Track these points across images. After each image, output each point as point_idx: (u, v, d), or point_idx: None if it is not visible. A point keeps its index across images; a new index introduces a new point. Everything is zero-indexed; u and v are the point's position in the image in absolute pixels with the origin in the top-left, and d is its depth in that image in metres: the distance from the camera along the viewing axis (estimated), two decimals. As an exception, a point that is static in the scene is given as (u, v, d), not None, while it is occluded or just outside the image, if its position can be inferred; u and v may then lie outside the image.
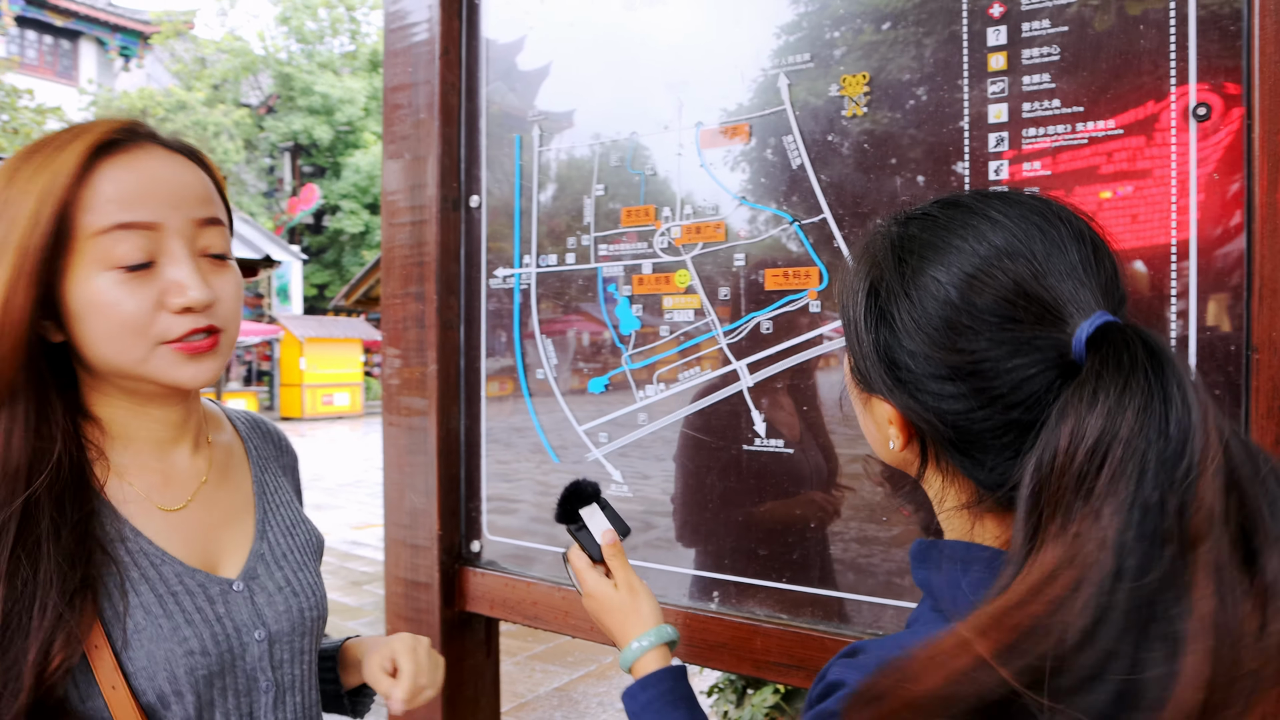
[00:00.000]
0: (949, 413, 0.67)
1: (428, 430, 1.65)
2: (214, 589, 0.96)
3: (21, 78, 23.51)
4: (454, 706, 1.74)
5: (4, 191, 0.86)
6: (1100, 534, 0.55)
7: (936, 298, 0.67)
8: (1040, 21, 1.12)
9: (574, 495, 1.19)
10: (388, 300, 1.70)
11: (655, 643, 1.07)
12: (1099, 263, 0.66)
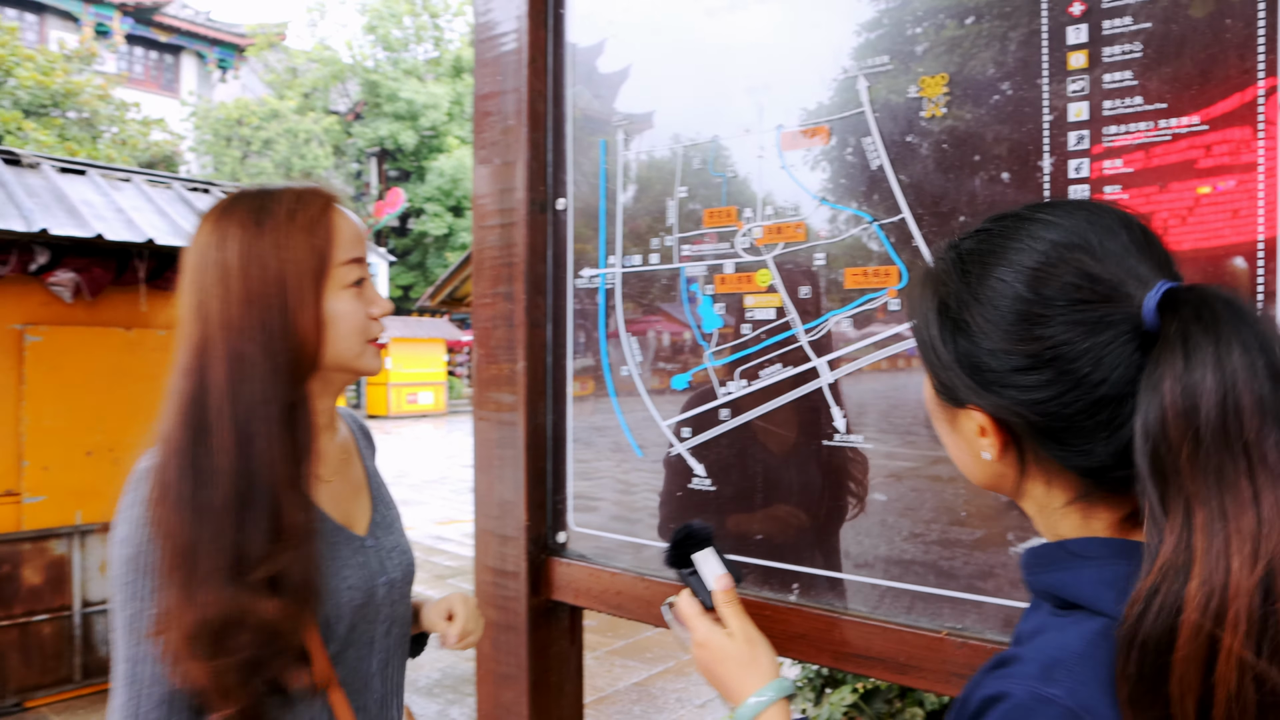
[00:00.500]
0: (1038, 402, 0.69)
1: (516, 425, 1.72)
2: (355, 543, 1.26)
3: (129, 91, 24.70)
4: (539, 691, 1.80)
5: (261, 238, 1.15)
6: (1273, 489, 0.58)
7: (1006, 295, 0.70)
8: (1122, 19, 1.12)
9: (686, 539, 1.14)
10: (478, 300, 1.78)
11: (775, 698, 1.01)
12: (1149, 244, 0.70)
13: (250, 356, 1.13)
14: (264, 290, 1.15)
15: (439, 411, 23.98)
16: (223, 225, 1.18)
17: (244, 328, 1.14)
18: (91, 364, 4.78)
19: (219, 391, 1.13)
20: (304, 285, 1.16)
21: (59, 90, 20.14)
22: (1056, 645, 0.68)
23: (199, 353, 1.15)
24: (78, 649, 4.75)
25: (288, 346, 1.15)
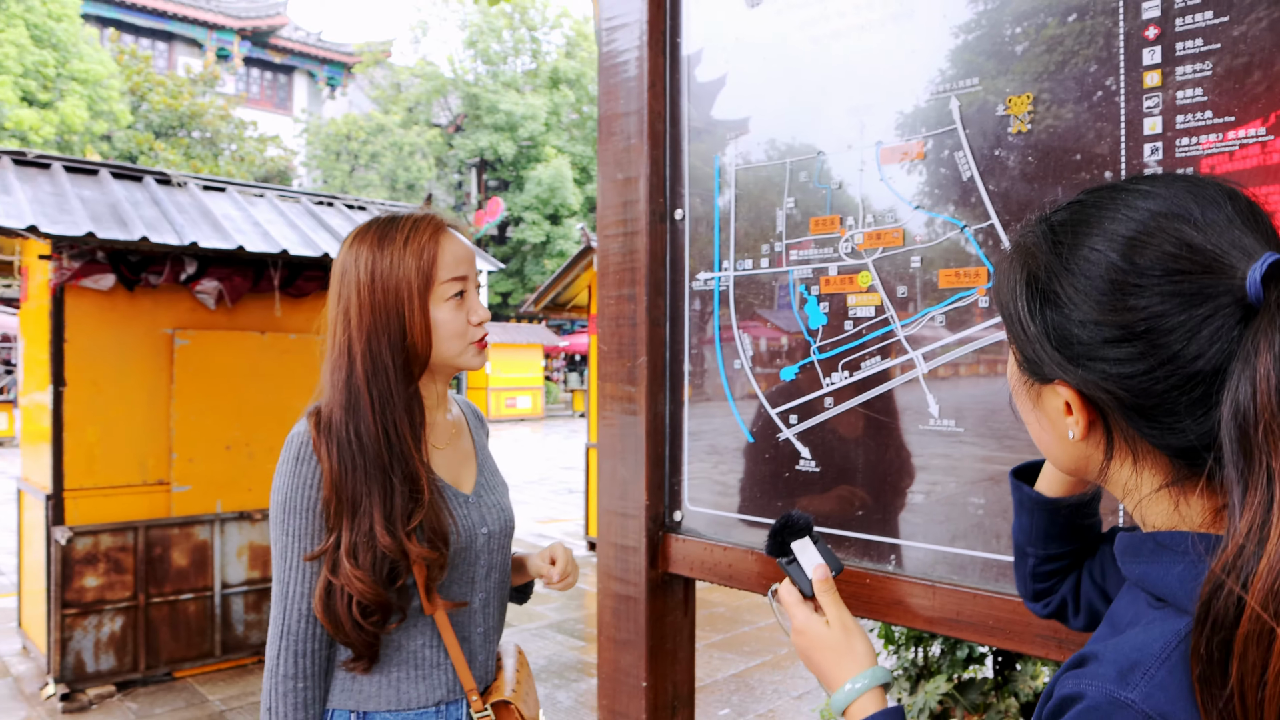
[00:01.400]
0: (1128, 376, 0.68)
1: (637, 414, 1.91)
2: (461, 498, 1.59)
3: (247, 111, 26.07)
4: (656, 658, 1.99)
5: (383, 258, 1.48)
6: None
7: (1099, 265, 0.69)
8: (1194, 40, 1.25)
9: (786, 528, 1.18)
10: (603, 301, 1.98)
11: (871, 685, 1.02)
12: (1255, 216, 0.68)
13: (379, 353, 1.46)
14: (385, 301, 1.47)
15: (536, 416, 24.52)
16: (358, 246, 1.50)
17: (374, 330, 1.46)
18: (231, 365, 5.21)
19: (361, 379, 1.45)
20: (414, 298, 1.48)
21: (185, 112, 21.44)
22: (1137, 645, 0.66)
23: (344, 349, 1.48)
24: (218, 626, 5.17)
25: (404, 347, 1.48)
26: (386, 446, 1.44)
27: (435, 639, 1.53)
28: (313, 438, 1.45)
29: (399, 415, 1.46)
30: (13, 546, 8.40)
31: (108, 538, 4.81)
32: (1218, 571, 0.60)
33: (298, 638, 1.42)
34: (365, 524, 1.41)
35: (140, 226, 4.67)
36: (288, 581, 1.43)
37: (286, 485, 1.44)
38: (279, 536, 1.44)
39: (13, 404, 17.76)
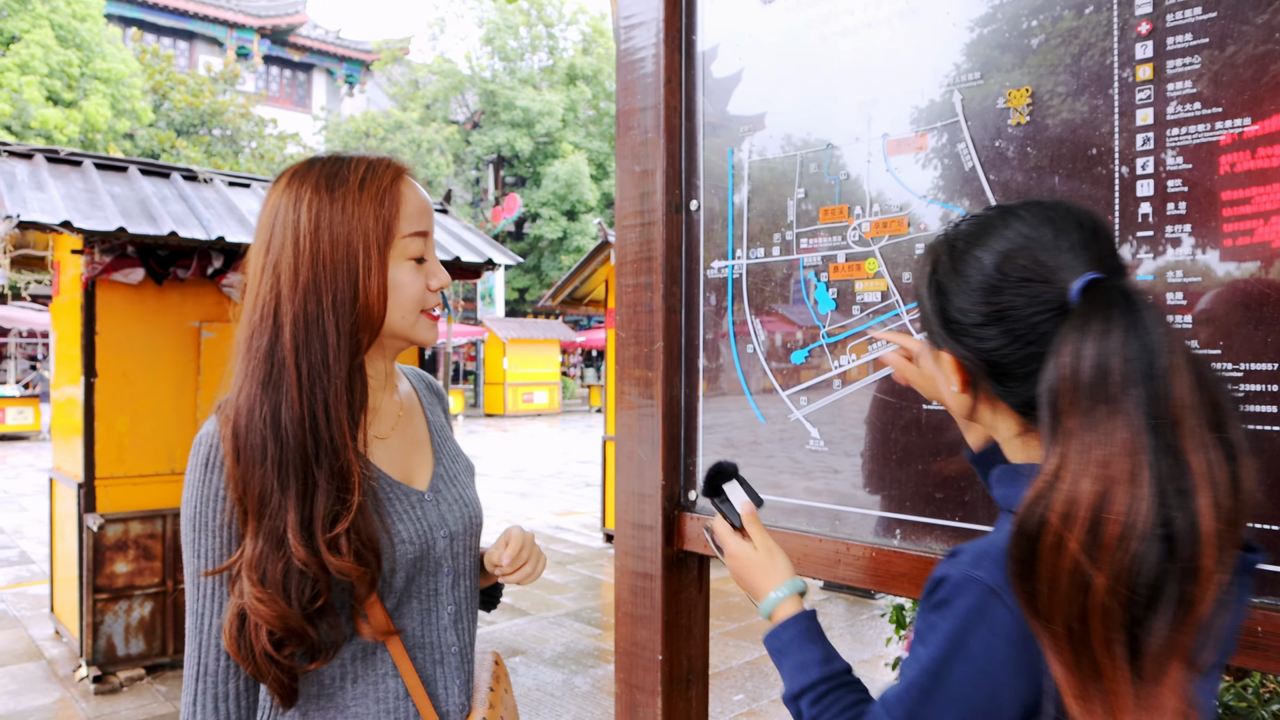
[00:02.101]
0: (988, 350, 0.94)
1: (654, 398, 1.99)
2: (413, 497, 1.29)
3: (266, 109, 26.32)
4: (671, 632, 2.07)
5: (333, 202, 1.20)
6: (1133, 424, 0.79)
7: (978, 271, 0.94)
8: (1184, 35, 1.31)
9: (718, 474, 1.36)
10: (620, 289, 2.06)
11: (790, 593, 1.22)
12: (1096, 241, 0.91)
13: (318, 317, 1.17)
14: (333, 255, 1.18)
15: (553, 410, 24.66)
16: (296, 188, 1.21)
17: (313, 289, 1.17)
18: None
19: (288, 348, 1.15)
20: (370, 253, 1.20)
21: (206, 110, 21.67)
22: (989, 542, 0.91)
23: (269, 312, 1.17)
24: (244, 613, 5.29)
25: (353, 311, 1.19)
26: (312, 433, 1.14)
27: (389, 666, 1.26)
28: (223, 436, 1.16)
29: (334, 394, 1.16)
30: (41, 536, 8.59)
31: (137, 525, 4.94)
32: (1030, 498, 0.83)
33: (216, 678, 1.16)
34: (277, 530, 1.12)
35: (169, 222, 4.79)
36: (201, 612, 1.16)
37: (195, 498, 1.16)
38: (189, 559, 1.18)
39: (38, 398, 18.05)
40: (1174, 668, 0.77)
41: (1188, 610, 0.77)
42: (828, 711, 1.06)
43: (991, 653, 0.86)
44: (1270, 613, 1.24)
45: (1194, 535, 0.76)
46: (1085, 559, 0.77)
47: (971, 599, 0.87)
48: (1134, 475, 0.77)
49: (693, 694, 2.12)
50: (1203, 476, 0.77)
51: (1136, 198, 1.36)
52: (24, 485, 12.15)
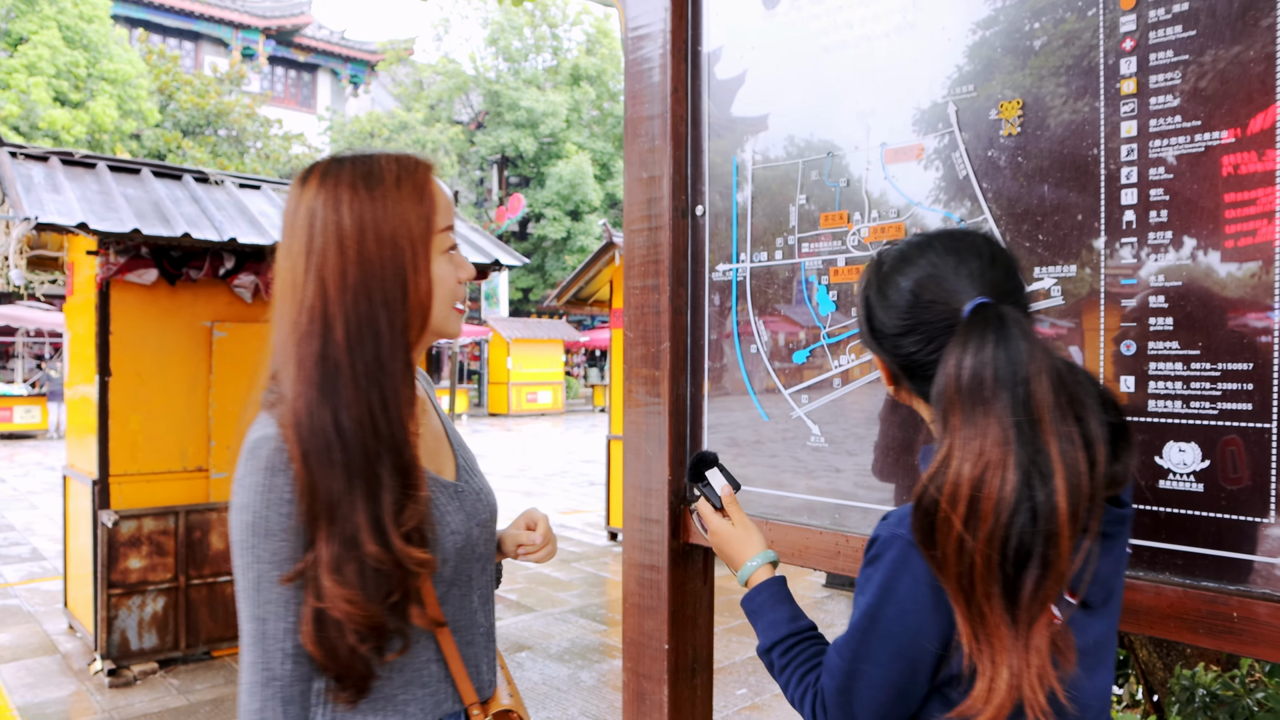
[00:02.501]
0: (905, 355, 1.13)
1: (661, 396, 2.06)
2: (450, 489, 1.33)
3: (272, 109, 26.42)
4: (677, 623, 2.14)
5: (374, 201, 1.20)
6: (1002, 419, 0.96)
7: (899, 292, 1.13)
8: (1165, 52, 1.38)
9: (700, 461, 1.54)
10: (629, 291, 2.13)
11: (763, 562, 1.41)
12: (991, 270, 1.09)
13: (370, 317, 1.16)
14: (379, 253, 1.18)
15: (557, 410, 24.73)
16: (332, 188, 1.20)
17: (363, 289, 1.16)
18: (265, 356, 5.39)
19: (341, 349, 1.15)
20: (416, 249, 1.20)
21: (212, 111, 21.77)
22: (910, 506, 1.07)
23: (317, 315, 1.17)
24: (255, 609, 5.37)
25: (404, 308, 1.20)
26: (373, 432, 1.16)
27: (437, 653, 1.29)
28: (286, 439, 1.15)
29: (390, 392, 1.18)
30: (52, 533, 8.68)
31: (150, 521, 5.02)
32: (924, 480, 1.00)
33: (284, 683, 1.15)
34: (348, 531, 1.13)
35: (182, 223, 4.87)
36: (264, 619, 1.14)
37: (257, 502, 1.13)
38: (249, 564, 1.14)
39: (45, 397, 18.16)
40: (1042, 614, 0.95)
41: (1050, 569, 0.94)
42: (794, 660, 1.25)
43: (915, 596, 1.03)
44: (1245, 599, 1.31)
45: (1052, 509, 0.94)
46: (966, 529, 0.95)
47: (897, 552, 1.05)
48: (1004, 462, 0.94)
49: (698, 682, 2.19)
50: (1059, 462, 0.94)
51: (1121, 205, 1.43)
52: (34, 483, 12.25)
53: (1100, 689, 1.12)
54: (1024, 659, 0.95)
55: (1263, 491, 1.30)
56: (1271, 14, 1.29)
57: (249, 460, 1.15)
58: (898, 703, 1.07)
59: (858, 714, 1.10)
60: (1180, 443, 1.38)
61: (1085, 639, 1.07)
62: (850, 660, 1.09)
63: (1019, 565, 0.94)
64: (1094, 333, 1.46)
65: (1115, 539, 1.11)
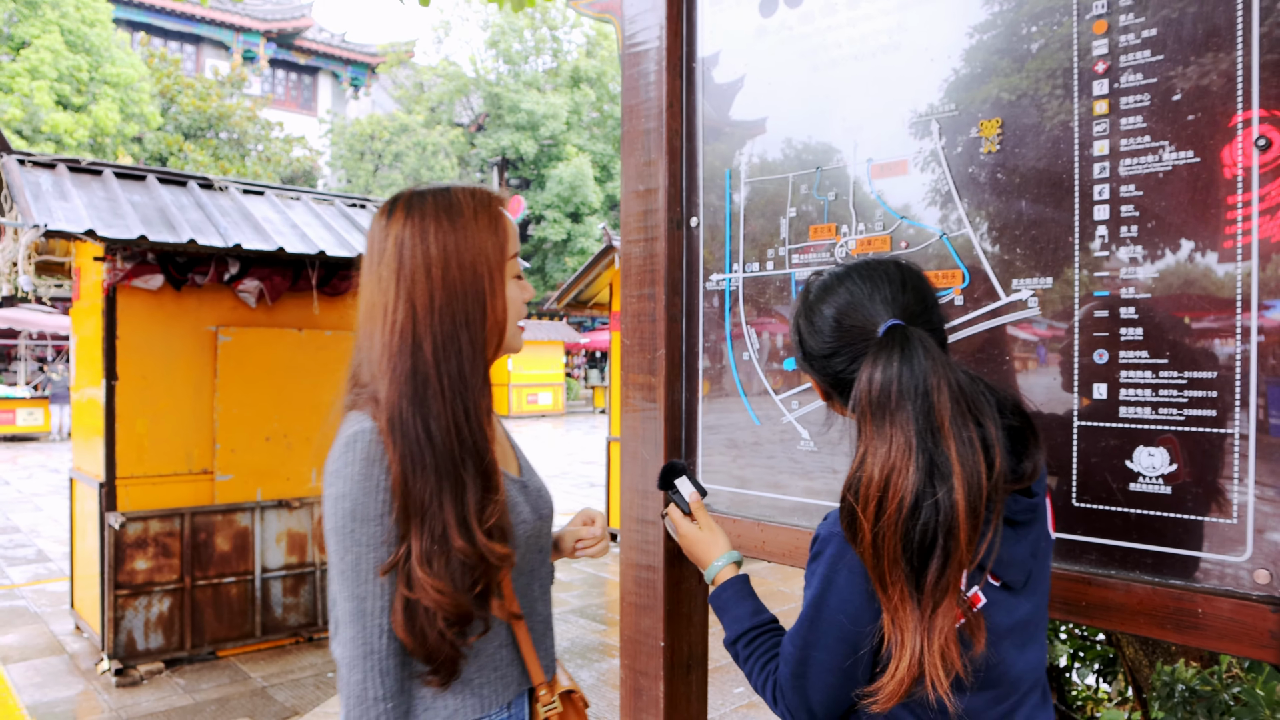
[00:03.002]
0: (832, 373, 1.25)
1: (657, 401, 2.13)
2: (517, 484, 1.48)
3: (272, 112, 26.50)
4: (673, 621, 2.21)
5: (455, 231, 1.35)
6: (906, 427, 1.08)
7: (824, 320, 1.25)
8: (1135, 75, 1.45)
9: (670, 470, 1.64)
10: (626, 300, 2.20)
11: (728, 561, 1.53)
12: (903, 295, 1.22)
13: (454, 335, 1.31)
14: (462, 279, 1.32)
15: (557, 412, 24.79)
16: (417, 219, 1.33)
17: (448, 311, 1.31)
18: (270, 360, 5.47)
19: (430, 365, 1.29)
20: (494, 275, 1.35)
21: (213, 114, 21.85)
22: None
23: (406, 333, 1.30)
24: (258, 608, 5.44)
25: (484, 328, 1.34)
26: (458, 439, 1.29)
27: (509, 638, 1.42)
28: (383, 434, 1.27)
29: (473, 402, 1.31)
30: (57, 535, 8.75)
31: (156, 523, 5.09)
32: (846, 482, 1.12)
33: (381, 656, 1.26)
34: (437, 528, 1.25)
35: (187, 229, 4.94)
36: (363, 597, 1.25)
37: (356, 490, 1.24)
38: (349, 548, 1.25)
39: (47, 400, 18.23)
40: (945, 599, 1.06)
41: (951, 558, 1.05)
42: (756, 651, 1.36)
43: (851, 587, 1.15)
44: (1209, 596, 1.38)
45: (951, 505, 1.05)
46: (875, 526, 1.07)
47: (834, 548, 1.17)
48: (907, 465, 1.06)
49: (693, 678, 2.26)
50: (958, 464, 1.06)
51: (1094, 220, 1.50)
52: (38, 485, 12.32)
53: (1032, 663, 1.22)
54: (926, 639, 1.05)
55: (1225, 493, 1.37)
56: (1232, 39, 1.36)
57: (346, 452, 1.27)
58: (846, 683, 1.17)
59: (811, 696, 1.21)
60: (1149, 447, 1.45)
61: (1011, 617, 1.18)
62: (801, 648, 1.20)
63: (923, 556, 1.05)
64: (1069, 342, 1.53)
65: (1030, 525, 1.21)
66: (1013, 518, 1.18)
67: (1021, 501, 1.19)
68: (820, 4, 1.88)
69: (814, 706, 1.21)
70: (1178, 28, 1.41)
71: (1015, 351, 1.60)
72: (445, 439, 1.28)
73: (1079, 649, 3.27)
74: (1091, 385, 1.51)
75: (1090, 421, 1.51)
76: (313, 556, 5.65)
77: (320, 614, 5.68)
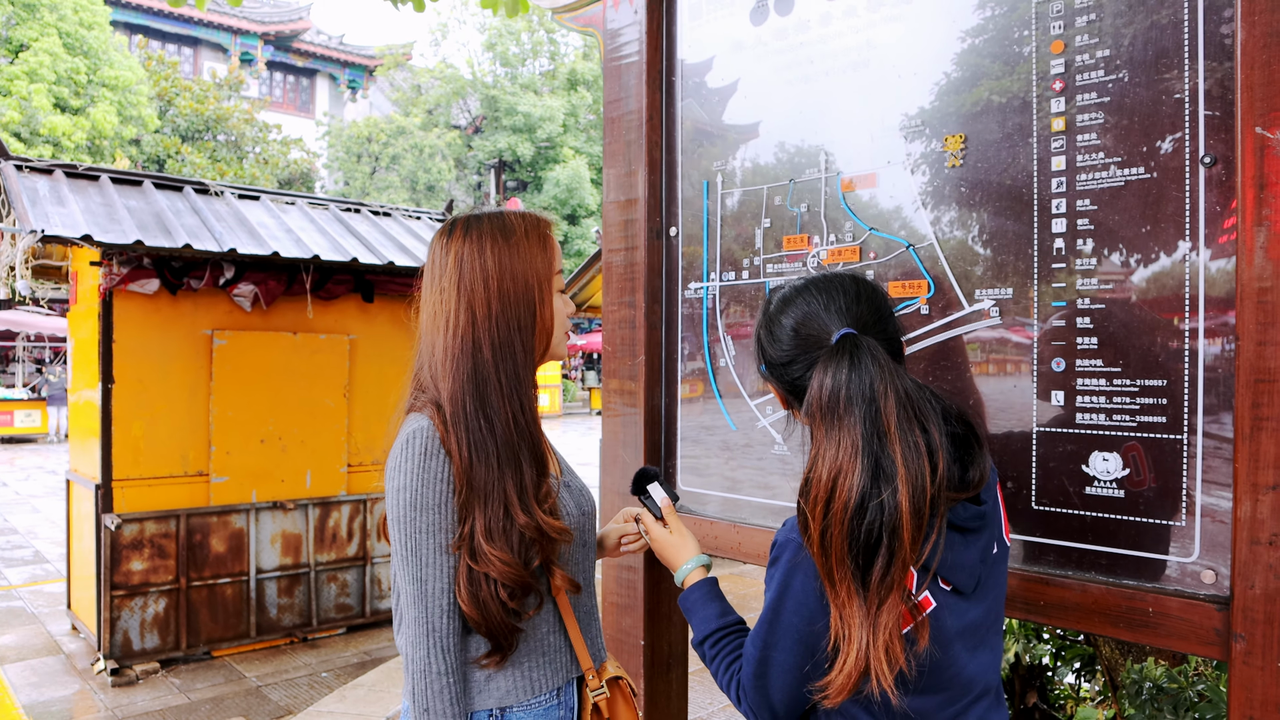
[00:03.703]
0: (792, 380, 1.30)
1: (637, 406, 2.19)
2: (561, 482, 1.59)
3: (270, 114, 26.55)
4: (653, 620, 2.26)
5: (510, 250, 1.51)
6: (853, 431, 1.13)
7: (784, 330, 1.30)
8: (1090, 94, 1.51)
9: (642, 476, 1.70)
10: (607, 307, 2.26)
11: (696, 565, 1.58)
12: (857, 306, 1.27)
13: (509, 339, 1.48)
14: (515, 290, 1.49)
15: (554, 413, 24.83)
16: (476, 238, 1.51)
17: (503, 318, 1.48)
18: (265, 364, 5.52)
19: (490, 366, 1.46)
20: (544, 288, 1.53)
21: (211, 116, 21.88)
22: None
23: (467, 338, 1.47)
24: (253, 609, 5.49)
25: (534, 333, 1.51)
26: (515, 428, 1.45)
27: (558, 624, 1.54)
28: (439, 431, 1.43)
29: (526, 396, 1.49)
30: (54, 537, 8.79)
31: (152, 525, 5.13)
32: (801, 483, 1.17)
33: (442, 634, 1.40)
34: (498, 507, 1.41)
35: (183, 234, 4.99)
36: (425, 580, 1.40)
37: (415, 483, 1.40)
38: (410, 535, 1.40)
39: (45, 401, 18.26)
40: (890, 596, 1.10)
41: (895, 557, 1.10)
42: (722, 651, 1.41)
43: (806, 590, 1.19)
44: (1159, 595, 1.43)
45: (895, 506, 1.09)
46: (824, 524, 1.12)
47: (791, 553, 1.22)
48: (854, 467, 1.10)
49: (673, 676, 2.31)
50: (903, 467, 1.10)
51: (1051, 233, 1.55)
52: (35, 487, 12.35)
53: (984, 666, 1.26)
54: (872, 635, 1.09)
55: (1175, 496, 1.43)
56: (1180, 60, 1.41)
57: (405, 449, 1.42)
58: (805, 683, 1.21)
59: (772, 695, 1.25)
60: (1104, 452, 1.51)
61: (961, 621, 1.22)
62: (761, 649, 1.24)
63: (868, 554, 1.10)
64: (1028, 350, 1.59)
65: (979, 533, 1.24)
66: (962, 525, 1.21)
67: (970, 509, 1.23)
68: (794, 22, 1.93)
69: (775, 706, 1.26)
70: (1130, 49, 1.47)
71: (977, 360, 1.66)
72: (505, 429, 1.44)
73: (1060, 648, 3.32)
74: (1050, 393, 1.56)
75: (1049, 428, 1.57)
76: (307, 558, 5.70)
77: (314, 614, 5.72)
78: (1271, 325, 1.31)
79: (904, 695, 1.17)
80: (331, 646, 5.64)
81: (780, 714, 1.27)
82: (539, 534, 1.43)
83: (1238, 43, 1.34)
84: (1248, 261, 1.33)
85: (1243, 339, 1.33)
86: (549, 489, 1.49)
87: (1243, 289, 1.33)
